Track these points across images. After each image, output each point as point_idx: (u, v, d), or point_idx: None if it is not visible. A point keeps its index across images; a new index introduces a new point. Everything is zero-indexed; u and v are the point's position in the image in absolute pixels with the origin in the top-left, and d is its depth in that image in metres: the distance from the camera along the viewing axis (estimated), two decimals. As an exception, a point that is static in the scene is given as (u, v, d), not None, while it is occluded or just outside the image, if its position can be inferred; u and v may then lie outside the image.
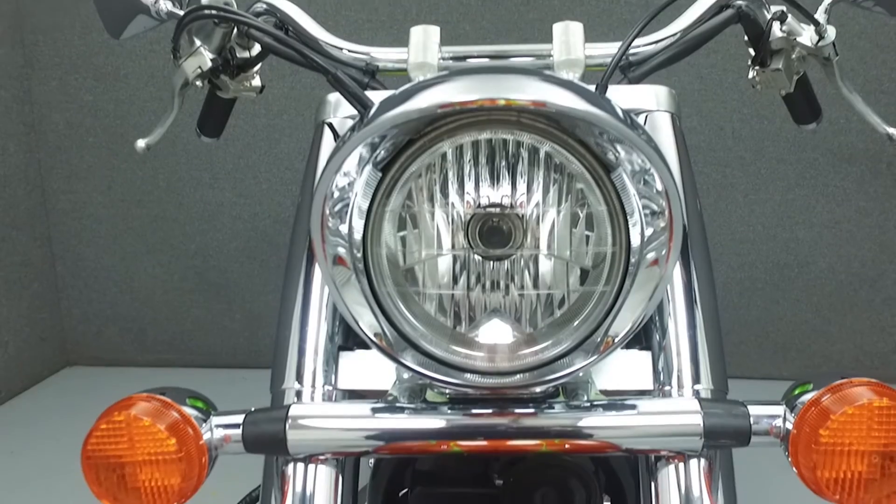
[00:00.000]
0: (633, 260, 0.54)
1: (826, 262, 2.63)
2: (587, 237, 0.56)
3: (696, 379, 0.65)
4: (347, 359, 0.69)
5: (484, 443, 0.59)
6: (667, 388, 0.65)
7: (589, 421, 0.59)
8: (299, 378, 0.67)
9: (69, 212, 2.88)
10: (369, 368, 0.68)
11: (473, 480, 0.78)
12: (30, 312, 2.86)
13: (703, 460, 0.62)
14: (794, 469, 0.56)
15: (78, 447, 0.58)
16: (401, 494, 0.82)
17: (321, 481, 0.63)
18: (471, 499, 0.79)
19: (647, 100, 0.79)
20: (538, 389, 0.60)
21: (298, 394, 0.67)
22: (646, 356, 0.68)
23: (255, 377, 0.72)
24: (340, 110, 0.79)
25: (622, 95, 0.78)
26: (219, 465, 0.61)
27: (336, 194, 0.53)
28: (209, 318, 2.96)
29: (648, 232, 0.54)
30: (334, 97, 0.80)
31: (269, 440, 0.60)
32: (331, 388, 0.67)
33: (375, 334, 0.56)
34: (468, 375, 0.56)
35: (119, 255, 2.91)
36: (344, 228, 0.54)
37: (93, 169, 2.81)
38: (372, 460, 0.83)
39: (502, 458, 0.75)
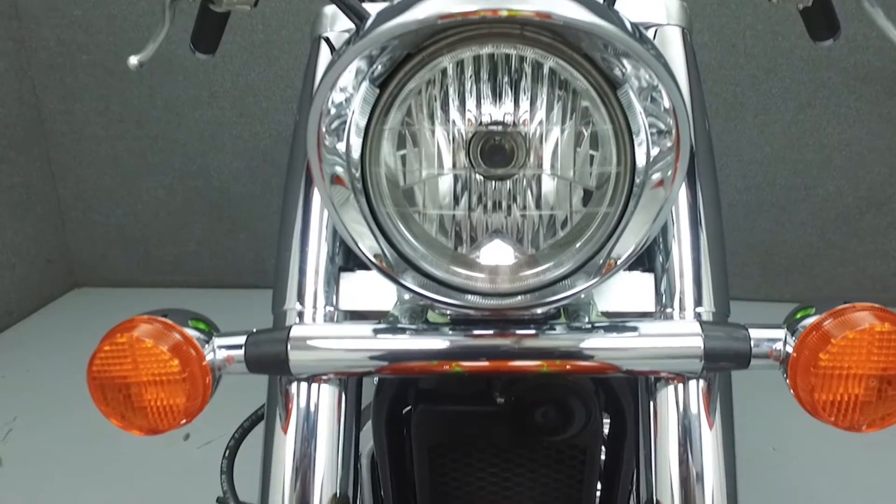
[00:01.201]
0: (637, 181, 0.53)
1: (834, 185, 2.61)
2: (591, 157, 0.55)
3: (699, 301, 0.65)
4: (348, 279, 0.68)
5: (485, 363, 0.60)
6: (668, 310, 0.65)
7: (590, 342, 0.59)
8: (300, 299, 0.67)
9: (67, 132, 2.84)
10: (370, 289, 0.68)
11: (475, 398, 0.79)
12: (35, 234, 2.88)
13: (702, 381, 0.62)
14: (791, 391, 0.56)
15: (90, 365, 0.58)
16: (404, 412, 0.84)
17: (324, 400, 0.64)
18: (472, 416, 0.80)
19: (657, 13, 0.76)
20: (539, 311, 0.59)
21: (300, 315, 0.67)
22: (648, 278, 0.67)
23: (262, 297, 0.72)
24: (337, 24, 0.76)
25: (631, 7, 0.75)
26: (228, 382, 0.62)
27: (332, 111, 0.51)
28: (213, 239, 2.97)
29: (654, 152, 0.52)
30: (330, 10, 0.77)
31: (271, 361, 0.60)
32: (332, 308, 0.67)
33: (375, 255, 0.55)
34: (469, 297, 0.56)
35: (120, 177, 2.90)
36: (341, 147, 0.52)
37: (88, 88, 2.76)
38: (375, 379, 0.84)
39: (504, 377, 0.76)
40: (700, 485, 0.61)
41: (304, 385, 0.64)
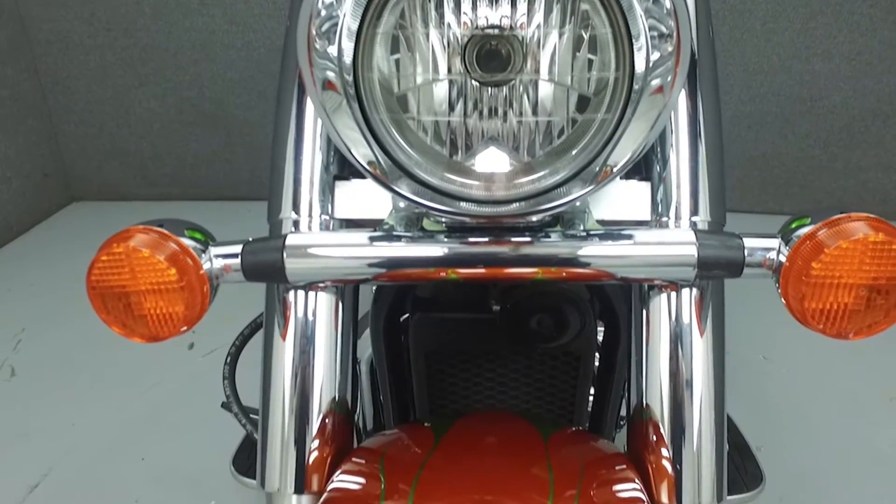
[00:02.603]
0: (636, 87, 0.51)
1: (840, 97, 2.56)
2: (590, 62, 0.53)
3: (695, 211, 0.65)
4: (343, 187, 0.68)
5: (481, 270, 0.60)
6: (664, 219, 0.65)
7: (585, 250, 0.59)
8: (296, 208, 0.67)
9: (53, 42, 2.76)
10: (365, 197, 0.67)
11: (471, 306, 0.80)
12: (28, 148, 2.84)
13: (695, 290, 0.63)
14: (782, 300, 0.57)
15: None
16: (401, 319, 0.85)
17: (321, 307, 0.65)
18: (469, 324, 0.82)
19: None
20: (535, 218, 0.59)
21: (296, 223, 0.67)
22: (645, 187, 0.67)
23: (260, 209, 0.72)
24: (328, -80, 0.72)
25: None
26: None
27: (323, 13, 0.49)
28: (209, 151, 2.94)
29: (654, 57, 0.51)
30: None
31: (267, 269, 0.61)
32: (327, 217, 0.67)
33: (369, 163, 0.55)
34: (464, 204, 0.56)
35: (111, 88, 2.84)
36: (333, 51, 0.51)
37: (72, -8, 2.66)
38: (373, 287, 0.85)
39: (500, 284, 0.76)
40: (689, 390, 0.63)
41: (301, 293, 0.65)
